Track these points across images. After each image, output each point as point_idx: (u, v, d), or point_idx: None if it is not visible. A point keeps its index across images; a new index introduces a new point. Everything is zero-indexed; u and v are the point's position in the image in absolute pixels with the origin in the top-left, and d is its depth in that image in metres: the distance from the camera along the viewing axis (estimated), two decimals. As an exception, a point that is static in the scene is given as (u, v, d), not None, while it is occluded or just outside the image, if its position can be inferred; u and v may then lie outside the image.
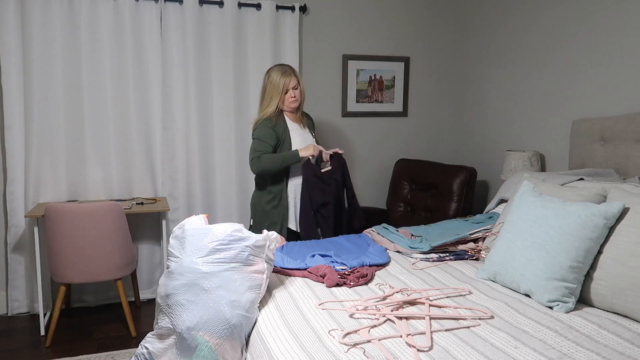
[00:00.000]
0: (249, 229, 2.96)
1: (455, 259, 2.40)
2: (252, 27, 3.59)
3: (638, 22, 2.58)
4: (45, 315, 3.26)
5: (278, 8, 3.63)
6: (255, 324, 1.81)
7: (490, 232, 2.50)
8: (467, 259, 2.41)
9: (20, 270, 3.30)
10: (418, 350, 1.49)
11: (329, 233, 2.86)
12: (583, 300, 1.87)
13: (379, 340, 1.56)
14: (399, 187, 3.86)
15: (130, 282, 3.55)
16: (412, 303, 1.84)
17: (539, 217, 1.96)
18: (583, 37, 2.91)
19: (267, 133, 2.84)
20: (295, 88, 2.89)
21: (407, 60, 4.05)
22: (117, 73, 3.36)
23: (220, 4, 3.48)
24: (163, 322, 1.79)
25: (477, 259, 2.42)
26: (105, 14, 3.28)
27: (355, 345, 1.52)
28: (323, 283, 2.08)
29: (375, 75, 3.99)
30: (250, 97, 3.64)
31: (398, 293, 1.94)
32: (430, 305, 1.81)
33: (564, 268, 1.81)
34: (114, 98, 3.37)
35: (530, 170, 3.03)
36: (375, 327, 1.66)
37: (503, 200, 2.88)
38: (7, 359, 2.75)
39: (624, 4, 2.65)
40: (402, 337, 1.57)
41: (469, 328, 1.65)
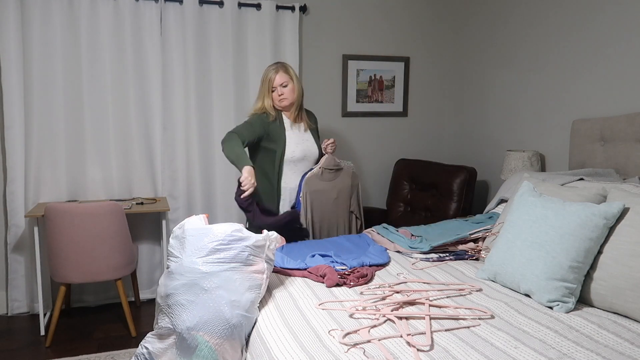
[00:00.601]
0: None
1: (455, 259, 2.40)
2: (252, 27, 3.59)
3: (638, 22, 2.58)
4: (45, 315, 3.26)
5: (278, 8, 3.63)
6: (255, 324, 1.81)
7: (490, 232, 2.50)
8: (467, 259, 2.41)
9: (20, 270, 3.30)
10: (418, 350, 1.49)
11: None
12: (583, 300, 1.87)
13: (379, 340, 1.56)
14: (399, 187, 3.86)
15: (130, 282, 3.55)
16: (412, 303, 1.84)
17: (539, 217, 1.96)
18: (583, 37, 2.91)
19: (253, 123, 2.82)
20: (284, 86, 2.84)
21: (407, 60, 4.05)
22: (117, 73, 3.36)
23: (220, 4, 3.48)
24: (163, 322, 1.79)
25: (477, 259, 2.42)
26: (105, 14, 3.28)
27: (355, 345, 1.52)
28: (323, 283, 2.08)
29: (375, 75, 3.99)
30: (250, 97, 3.63)
31: (398, 293, 1.94)
32: (430, 305, 1.81)
33: (564, 268, 1.81)
34: (114, 98, 3.37)
35: (530, 170, 3.03)
36: (375, 327, 1.66)
37: (503, 200, 2.88)
38: (7, 359, 2.75)
39: (624, 4, 2.65)
40: (402, 337, 1.58)
41: (469, 328, 1.65)
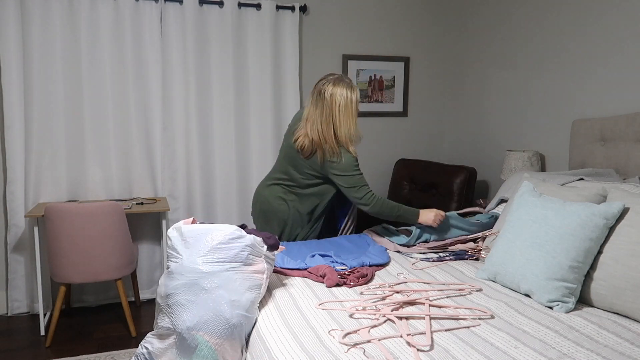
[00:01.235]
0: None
1: (455, 259, 2.40)
2: (252, 27, 3.59)
3: (638, 22, 2.58)
4: (45, 315, 3.26)
5: (278, 8, 3.63)
6: (255, 324, 1.81)
7: (490, 232, 2.50)
8: (467, 259, 2.41)
9: (20, 270, 3.30)
10: (418, 350, 1.49)
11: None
12: (583, 300, 1.87)
13: (379, 340, 1.56)
14: (399, 187, 3.85)
15: (130, 282, 3.55)
16: (412, 303, 1.84)
17: (539, 217, 1.96)
18: (583, 37, 2.91)
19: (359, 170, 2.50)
20: None
21: (407, 60, 4.05)
22: (117, 73, 3.36)
23: (220, 4, 3.48)
24: (163, 322, 1.79)
25: (477, 259, 2.42)
26: (105, 14, 3.28)
27: (355, 345, 1.52)
28: (323, 283, 2.08)
29: (375, 75, 3.99)
30: (250, 97, 3.64)
31: (398, 293, 1.94)
32: (430, 305, 1.81)
33: (564, 268, 1.81)
34: (114, 98, 3.37)
35: (530, 170, 3.03)
36: (375, 327, 1.66)
37: (503, 200, 2.88)
38: (7, 359, 2.75)
39: (624, 4, 2.65)
40: (402, 337, 1.57)
41: (469, 328, 1.65)
